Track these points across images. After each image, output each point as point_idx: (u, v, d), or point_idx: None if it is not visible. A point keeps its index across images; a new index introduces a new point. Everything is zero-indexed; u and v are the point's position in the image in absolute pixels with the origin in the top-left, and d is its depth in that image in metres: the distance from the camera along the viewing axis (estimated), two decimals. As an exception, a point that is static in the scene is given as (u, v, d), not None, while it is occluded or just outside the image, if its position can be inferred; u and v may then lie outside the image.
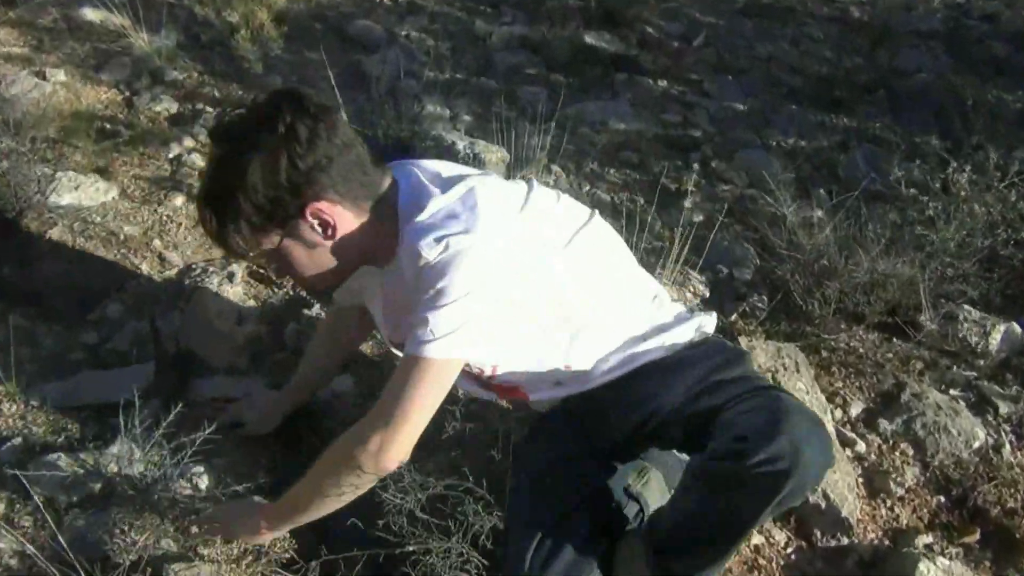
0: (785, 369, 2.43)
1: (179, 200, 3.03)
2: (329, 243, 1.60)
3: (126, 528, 1.85)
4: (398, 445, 1.54)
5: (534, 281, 1.65)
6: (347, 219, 1.59)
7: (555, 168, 3.43)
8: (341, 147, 1.54)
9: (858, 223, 2.83)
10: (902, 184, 2.98)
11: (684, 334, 1.83)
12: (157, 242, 2.84)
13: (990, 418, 2.53)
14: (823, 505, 2.13)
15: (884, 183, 3.36)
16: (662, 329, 1.82)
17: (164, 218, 2.96)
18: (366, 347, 2.50)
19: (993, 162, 2.96)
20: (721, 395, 1.65)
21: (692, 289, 2.82)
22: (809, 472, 1.49)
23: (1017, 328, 2.77)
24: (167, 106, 3.60)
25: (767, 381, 1.75)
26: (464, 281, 1.49)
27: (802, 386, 2.40)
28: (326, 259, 1.63)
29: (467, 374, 1.76)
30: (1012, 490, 2.30)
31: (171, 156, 3.28)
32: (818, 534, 2.14)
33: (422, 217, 1.57)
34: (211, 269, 2.72)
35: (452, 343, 1.51)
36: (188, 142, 3.36)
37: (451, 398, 1.67)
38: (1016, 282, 2.95)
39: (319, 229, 1.57)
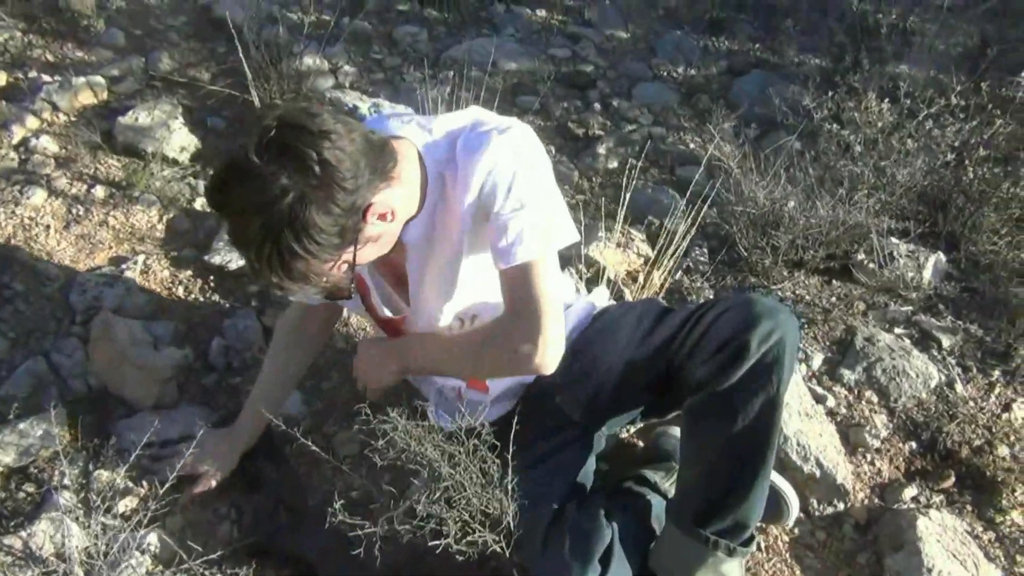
0: (749, 330, 2.36)
1: (39, 196, 2.58)
2: (392, 224, 1.53)
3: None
4: (558, 341, 1.57)
5: None
6: (395, 196, 1.50)
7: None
8: (355, 141, 1.38)
9: (788, 165, 2.78)
10: (816, 116, 2.93)
11: (589, 303, 1.94)
12: (25, 252, 2.41)
13: (935, 353, 2.58)
14: (818, 473, 2.11)
15: (781, 111, 3.30)
16: (568, 305, 1.90)
17: (26, 221, 2.51)
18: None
19: (878, 85, 3.00)
20: (667, 327, 1.71)
21: (636, 250, 2.69)
22: (794, 335, 1.59)
23: (943, 257, 2.83)
24: (-8, 78, 3.05)
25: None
26: (534, 176, 1.54)
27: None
28: (391, 236, 1.57)
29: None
30: (973, 426, 2.36)
31: (14, 142, 2.79)
32: (815, 503, 2.12)
33: (465, 124, 1.58)
34: (101, 282, 2.34)
35: (547, 236, 1.55)
36: (32, 122, 2.86)
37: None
38: (932, 211, 3.00)
39: (379, 221, 1.49)
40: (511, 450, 1.67)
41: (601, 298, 2.03)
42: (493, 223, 1.53)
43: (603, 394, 1.77)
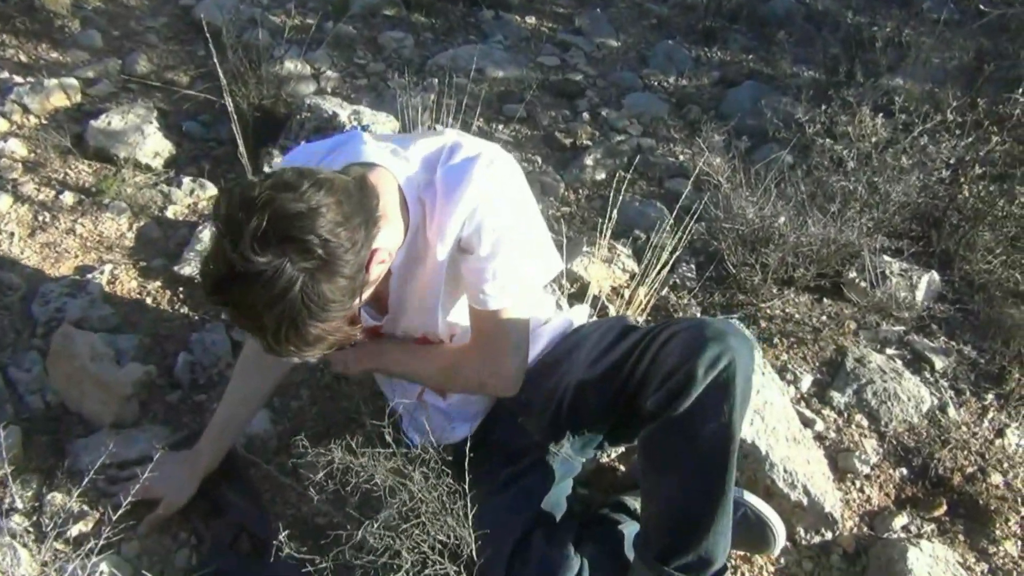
0: (737, 350, 2.28)
1: (4, 202, 2.49)
2: (389, 261, 1.50)
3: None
4: (519, 373, 1.69)
5: None
6: (387, 235, 1.46)
7: (440, 128, 3.09)
8: (342, 203, 1.30)
9: (779, 180, 2.71)
10: (809, 130, 2.86)
11: (565, 321, 1.91)
12: (-13, 260, 2.32)
13: (928, 375, 2.51)
14: (805, 501, 2.02)
15: (773, 124, 3.21)
16: (545, 321, 1.89)
17: (-11, 228, 2.42)
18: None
19: (872, 98, 2.95)
20: (619, 349, 1.67)
21: (621, 265, 2.61)
22: (745, 359, 1.53)
23: (936, 277, 2.76)
24: (-38, 78, 2.96)
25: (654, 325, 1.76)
26: (516, 215, 1.54)
27: (756, 366, 2.26)
28: (386, 269, 1.52)
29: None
30: (966, 452, 2.29)
31: (-18, 145, 2.70)
32: (801, 532, 2.04)
33: (443, 146, 1.54)
34: (65, 293, 2.25)
35: (524, 281, 1.58)
36: (1, 124, 2.77)
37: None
38: (926, 228, 2.93)
39: (381, 265, 1.45)
40: (470, 476, 1.63)
41: (580, 315, 1.98)
42: (473, 263, 1.53)
43: (562, 414, 1.74)
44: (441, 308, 1.66)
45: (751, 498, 1.94)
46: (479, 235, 1.48)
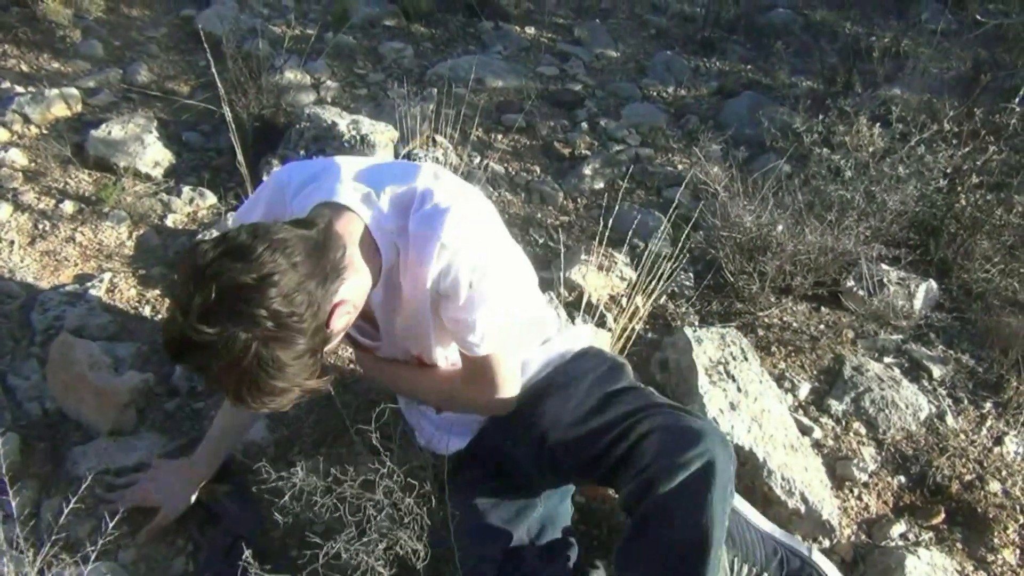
0: (734, 359, 2.29)
1: (4, 211, 2.50)
2: (355, 311, 1.48)
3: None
4: (515, 396, 1.71)
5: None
6: (352, 286, 1.44)
7: (440, 139, 3.11)
8: (297, 266, 1.29)
9: (776, 189, 2.72)
10: (806, 140, 2.87)
11: (564, 345, 1.87)
12: (-13, 268, 2.33)
13: (926, 383, 2.51)
14: (802, 509, 2.02)
15: (771, 134, 3.22)
16: (547, 340, 1.87)
17: (-10, 236, 2.43)
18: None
19: (869, 108, 2.97)
20: (599, 420, 1.65)
21: (619, 273, 2.61)
22: (723, 461, 1.51)
23: (934, 285, 2.76)
24: (-36, 88, 2.97)
25: (649, 393, 1.74)
26: (492, 260, 1.51)
27: (754, 375, 2.27)
28: (354, 316, 1.51)
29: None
30: (964, 460, 2.29)
31: (-17, 154, 2.71)
32: (799, 539, 2.04)
33: (413, 188, 1.51)
34: (64, 301, 2.25)
35: (507, 325, 1.59)
36: (1, 134, 2.78)
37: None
38: (923, 237, 2.93)
39: (346, 316, 1.43)
40: (457, 481, 1.72)
41: (580, 339, 1.94)
42: (454, 313, 1.53)
43: (543, 457, 1.70)
44: (433, 340, 1.67)
45: (819, 559, 1.84)
46: (456, 288, 1.48)
